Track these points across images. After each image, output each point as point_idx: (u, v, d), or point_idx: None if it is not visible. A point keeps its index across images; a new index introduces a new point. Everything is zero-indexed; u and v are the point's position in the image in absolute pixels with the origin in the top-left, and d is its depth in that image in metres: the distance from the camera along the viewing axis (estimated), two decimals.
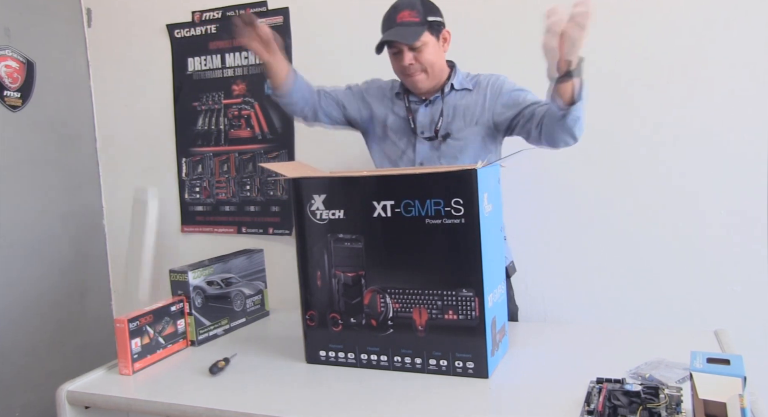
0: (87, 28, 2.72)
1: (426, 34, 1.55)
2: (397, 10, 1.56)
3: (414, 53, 1.56)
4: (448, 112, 1.63)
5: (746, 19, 1.83)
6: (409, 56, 1.56)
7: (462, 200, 1.17)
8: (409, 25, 1.54)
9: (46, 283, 2.51)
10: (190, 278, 1.52)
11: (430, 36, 1.56)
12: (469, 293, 1.19)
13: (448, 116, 1.63)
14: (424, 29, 1.54)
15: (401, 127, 1.70)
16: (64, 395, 1.29)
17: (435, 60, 1.59)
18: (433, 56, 1.58)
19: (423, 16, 1.55)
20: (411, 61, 1.57)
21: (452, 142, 1.63)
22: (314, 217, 1.31)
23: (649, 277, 1.98)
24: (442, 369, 1.23)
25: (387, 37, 1.55)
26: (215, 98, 2.56)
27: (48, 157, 2.54)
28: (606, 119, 1.97)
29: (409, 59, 1.56)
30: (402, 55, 1.57)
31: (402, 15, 1.55)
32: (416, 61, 1.57)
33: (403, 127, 1.69)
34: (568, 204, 2.05)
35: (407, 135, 1.69)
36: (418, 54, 1.56)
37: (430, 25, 1.56)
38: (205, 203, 2.63)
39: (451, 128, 1.62)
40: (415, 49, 1.55)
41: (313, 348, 1.35)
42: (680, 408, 0.96)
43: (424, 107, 1.67)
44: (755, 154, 1.86)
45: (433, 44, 1.57)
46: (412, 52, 1.56)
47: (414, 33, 1.54)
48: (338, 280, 1.30)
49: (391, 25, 1.56)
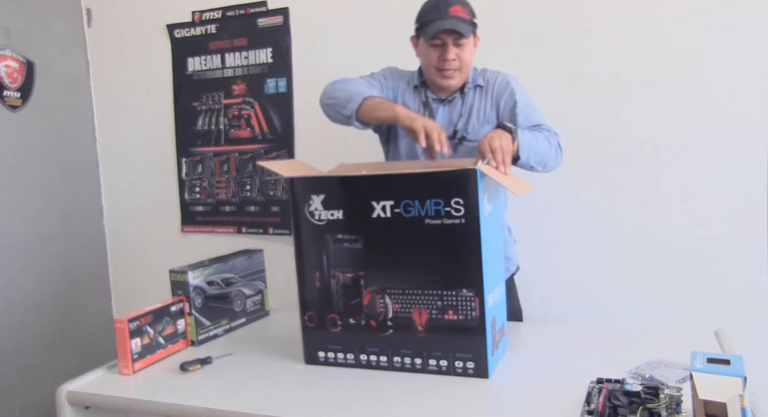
0: (87, 28, 2.72)
1: (471, 34, 1.56)
2: (449, 3, 1.54)
3: (458, 50, 1.55)
4: (466, 112, 1.63)
5: (746, 19, 1.83)
6: (454, 51, 1.54)
7: (462, 200, 1.17)
8: (462, 20, 1.53)
9: (46, 283, 2.51)
10: (190, 278, 1.52)
11: (472, 35, 1.57)
12: (469, 293, 1.19)
13: (463, 118, 1.62)
14: (473, 28, 1.55)
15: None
16: (64, 395, 1.29)
17: (470, 61, 1.59)
18: (470, 57, 1.58)
19: (471, 15, 1.55)
20: (455, 57, 1.54)
21: (468, 143, 1.61)
22: (312, 218, 1.30)
23: (649, 277, 1.98)
24: (442, 369, 1.23)
25: (448, 25, 1.51)
26: (215, 98, 2.56)
27: (48, 157, 2.54)
28: (606, 119, 1.98)
29: (454, 54, 1.54)
30: (447, 48, 1.54)
31: (455, 9, 1.53)
32: (458, 57, 1.55)
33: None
34: (568, 204, 2.05)
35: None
36: (460, 51, 1.55)
37: (473, 25, 1.56)
38: (205, 203, 2.63)
39: (467, 129, 1.62)
40: (460, 46, 1.54)
41: (312, 349, 1.35)
42: (680, 408, 0.96)
43: (443, 107, 1.65)
44: (755, 154, 1.85)
45: (472, 44, 1.58)
46: (456, 48, 1.54)
47: (466, 29, 1.52)
48: (337, 280, 1.30)
49: (443, 15, 1.52)
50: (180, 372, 1.35)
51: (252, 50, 2.46)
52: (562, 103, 2.00)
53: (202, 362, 1.37)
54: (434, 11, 1.54)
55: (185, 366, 1.35)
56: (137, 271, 2.75)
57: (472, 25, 1.55)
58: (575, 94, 2.00)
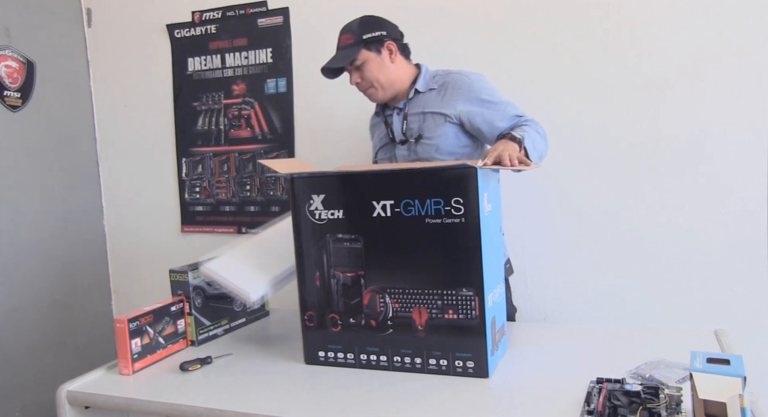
0: (87, 28, 2.72)
1: (363, 53, 1.62)
2: (340, 35, 1.66)
3: (359, 72, 1.65)
4: (417, 115, 1.67)
5: (747, 18, 1.83)
6: (355, 76, 1.66)
7: (462, 200, 1.17)
8: (345, 48, 1.64)
9: (46, 283, 2.51)
10: (190, 278, 1.52)
11: (369, 52, 1.63)
12: (469, 293, 1.19)
13: (417, 119, 1.67)
14: (359, 49, 1.62)
15: (385, 140, 1.75)
16: (64, 395, 1.29)
17: (379, 74, 1.65)
18: (376, 71, 1.64)
19: (358, 37, 1.62)
20: (357, 80, 1.66)
21: (426, 142, 1.65)
22: (313, 217, 1.30)
23: (649, 277, 1.98)
24: (442, 369, 1.23)
25: (324, 65, 1.65)
26: (215, 98, 2.56)
27: (48, 157, 2.54)
28: (606, 119, 1.98)
29: (356, 78, 1.66)
30: (351, 75, 1.67)
31: (343, 39, 1.66)
32: (362, 78, 1.65)
33: (387, 140, 1.75)
34: (568, 204, 2.05)
35: (389, 145, 1.74)
36: (362, 72, 1.65)
37: (366, 43, 1.62)
38: (205, 203, 2.63)
39: (423, 129, 1.66)
40: (358, 68, 1.64)
41: (312, 348, 1.35)
42: (680, 408, 0.96)
43: (396, 115, 1.72)
44: (755, 154, 1.85)
45: (373, 59, 1.64)
46: (358, 71, 1.65)
47: (345, 56, 1.63)
48: (337, 280, 1.30)
49: (337, 50, 1.66)
50: (180, 372, 1.35)
51: (252, 50, 2.46)
52: (565, 103, 2.00)
53: (202, 362, 1.37)
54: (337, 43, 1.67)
55: (185, 366, 1.35)
56: (137, 271, 2.75)
57: (358, 44, 1.62)
58: (578, 94, 2.00)
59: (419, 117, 1.67)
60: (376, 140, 1.80)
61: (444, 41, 2.09)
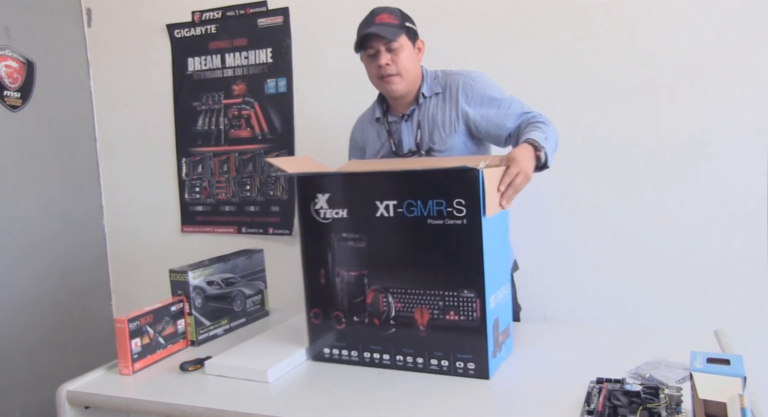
0: (87, 28, 2.72)
1: (404, 37, 1.57)
2: (375, 14, 1.59)
3: (391, 55, 1.57)
4: (426, 124, 1.64)
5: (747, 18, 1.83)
6: (386, 57, 1.57)
7: (464, 201, 1.17)
8: (388, 26, 1.56)
9: (46, 283, 2.51)
10: (190, 278, 1.52)
11: (407, 40, 1.59)
12: (470, 294, 1.19)
13: (427, 127, 1.64)
14: (403, 31, 1.57)
15: (386, 150, 1.70)
16: (64, 395, 1.29)
17: (410, 65, 1.60)
18: (408, 61, 1.59)
19: (401, 21, 1.58)
20: (388, 61, 1.57)
21: (436, 154, 1.62)
22: (318, 216, 1.31)
23: (650, 277, 1.98)
24: (443, 369, 1.23)
25: (369, 30, 1.54)
26: (215, 98, 2.56)
27: (48, 157, 2.54)
28: (606, 119, 1.98)
29: (386, 59, 1.57)
30: (379, 55, 1.57)
31: (381, 17, 1.57)
32: (393, 63, 1.57)
33: (388, 150, 1.69)
34: (568, 204, 2.05)
35: (391, 156, 1.69)
36: (394, 56, 1.57)
37: (408, 31, 1.59)
38: (205, 203, 2.63)
39: (433, 140, 1.62)
40: (392, 51, 1.57)
41: (318, 345, 1.35)
42: (680, 408, 0.96)
43: (404, 124, 1.67)
44: (755, 154, 1.86)
45: (410, 49, 1.60)
46: (390, 53, 1.57)
47: (393, 32, 1.55)
48: (341, 278, 1.30)
49: (370, 26, 1.56)
50: (180, 372, 1.35)
51: (252, 50, 2.46)
52: (565, 103, 2.00)
53: (202, 362, 1.37)
54: (364, 25, 1.59)
55: (185, 366, 1.35)
56: (137, 271, 2.75)
57: (402, 28, 1.57)
58: (578, 94, 2.00)
59: (428, 127, 1.63)
60: (373, 149, 1.73)
61: (444, 41, 2.09)
